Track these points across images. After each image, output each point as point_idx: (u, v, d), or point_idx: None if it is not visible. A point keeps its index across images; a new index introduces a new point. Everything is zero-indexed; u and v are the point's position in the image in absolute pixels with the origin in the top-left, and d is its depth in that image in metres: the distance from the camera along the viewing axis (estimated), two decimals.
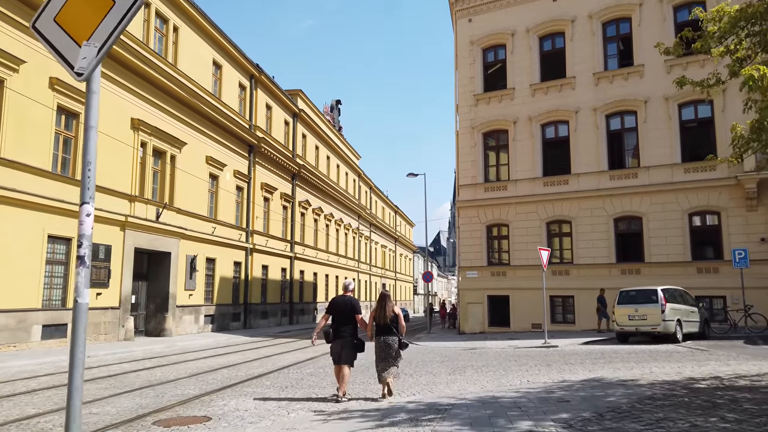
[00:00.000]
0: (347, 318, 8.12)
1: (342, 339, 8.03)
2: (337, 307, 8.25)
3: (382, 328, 8.06)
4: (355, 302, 8.33)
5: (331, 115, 47.66)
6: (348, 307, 8.19)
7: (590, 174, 23.95)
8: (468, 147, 26.69)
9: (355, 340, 8.11)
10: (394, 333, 8.04)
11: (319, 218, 42.53)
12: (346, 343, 8.02)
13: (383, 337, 8.03)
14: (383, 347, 7.99)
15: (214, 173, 26.89)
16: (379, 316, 8.09)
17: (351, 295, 8.46)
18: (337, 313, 8.22)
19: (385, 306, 8.10)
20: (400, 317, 8.19)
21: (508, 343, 18.59)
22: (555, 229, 24.89)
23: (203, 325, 25.77)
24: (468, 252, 26.22)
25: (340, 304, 8.25)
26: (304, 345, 20.03)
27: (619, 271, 23.12)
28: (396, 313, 8.14)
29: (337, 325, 8.12)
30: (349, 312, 8.15)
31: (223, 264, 27.73)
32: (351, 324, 8.11)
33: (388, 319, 8.01)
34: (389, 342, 7.97)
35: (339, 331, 8.08)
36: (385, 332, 8.05)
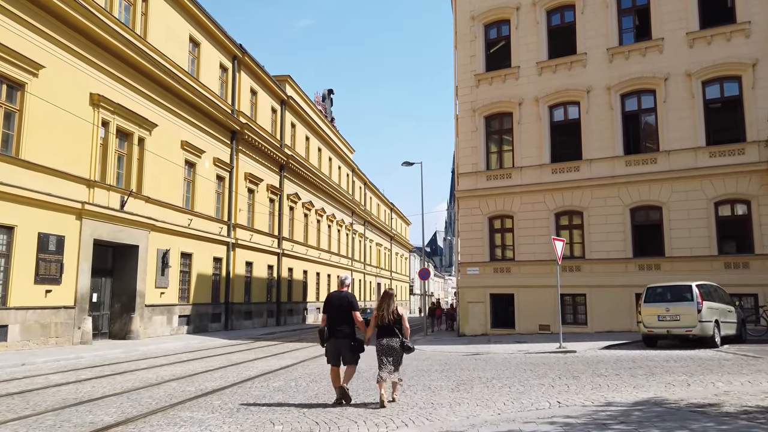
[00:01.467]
0: (343, 316, 7.48)
1: (338, 339, 7.43)
2: (332, 305, 7.61)
3: (385, 329, 7.46)
4: (351, 298, 7.64)
5: (322, 105, 45.34)
6: (344, 305, 7.54)
7: (604, 160, 21.69)
8: (468, 132, 24.40)
9: (352, 341, 7.45)
10: (397, 335, 7.43)
11: (309, 213, 40.19)
12: (344, 345, 7.42)
13: (385, 339, 7.41)
14: (385, 350, 7.38)
15: (190, 160, 24.52)
16: (382, 316, 7.49)
17: (347, 291, 7.80)
18: (332, 311, 7.57)
19: (388, 305, 7.51)
20: (404, 318, 7.55)
21: (517, 347, 16.31)
22: (565, 220, 22.61)
23: (177, 326, 23.39)
24: (468, 246, 23.93)
25: (335, 301, 7.62)
26: (286, 349, 17.72)
27: (636, 267, 20.86)
28: (400, 313, 7.54)
29: (333, 323, 7.49)
30: (345, 309, 7.51)
31: (202, 259, 25.37)
32: (347, 323, 7.49)
33: (391, 320, 7.42)
34: (392, 345, 7.39)
35: (334, 331, 7.46)
36: (387, 334, 7.44)
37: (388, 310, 7.47)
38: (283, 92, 35.05)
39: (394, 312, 7.48)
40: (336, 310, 7.53)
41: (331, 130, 47.05)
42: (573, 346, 14.98)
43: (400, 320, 7.50)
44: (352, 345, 7.44)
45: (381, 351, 7.44)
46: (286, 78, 36.47)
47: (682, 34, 20.83)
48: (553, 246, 16.01)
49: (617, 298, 20.75)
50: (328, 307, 7.63)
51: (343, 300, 7.60)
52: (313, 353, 16.10)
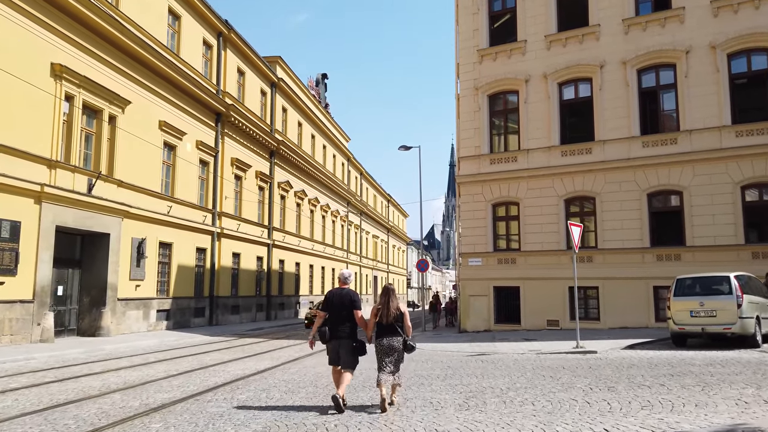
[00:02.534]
0: (345, 315, 6.95)
1: (339, 340, 6.89)
2: (333, 303, 7.04)
3: (385, 327, 6.94)
4: (354, 296, 7.09)
5: (316, 90, 43.37)
6: (346, 303, 6.99)
7: (618, 141, 19.90)
8: (470, 112, 22.57)
9: (354, 342, 6.92)
10: (398, 333, 6.92)
11: (302, 203, 38.36)
12: (344, 345, 6.88)
13: (386, 339, 6.89)
14: (386, 350, 6.87)
15: (170, 142, 22.65)
16: (382, 313, 6.94)
17: (349, 288, 7.21)
18: (332, 310, 7.02)
19: (389, 302, 6.95)
20: (406, 316, 7.01)
21: (526, 345, 14.58)
22: (575, 207, 20.84)
23: (155, 321, 21.60)
24: (470, 236, 22.15)
25: (336, 299, 7.05)
26: (269, 348, 15.97)
27: (653, 258, 19.11)
28: (401, 311, 6.99)
29: (333, 323, 6.95)
30: (346, 308, 6.96)
31: (183, 250, 23.55)
32: (349, 322, 6.96)
33: (392, 318, 6.89)
34: (393, 344, 6.87)
35: (336, 331, 6.91)
36: (388, 333, 6.92)
37: (389, 306, 6.90)
38: (273, 74, 33.13)
39: (395, 309, 6.89)
40: (337, 309, 6.96)
41: (325, 116, 45.15)
42: (591, 345, 13.25)
43: (402, 318, 6.93)
44: (354, 346, 6.88)
45: (381, 351, 6.87)
46: (277, 59, 34.54)
47: (705, 2, 18.99)
48: (570, 232, 14.24)
49: (633, 292, 19.03)
50: (329, 305, 7.04)
51: (345, 298, 7.00)
52: (298, 353, 14.35)
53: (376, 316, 7.01)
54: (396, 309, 6.91)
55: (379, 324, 6.97)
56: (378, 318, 6.96)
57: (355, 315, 6.95)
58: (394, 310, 6.89)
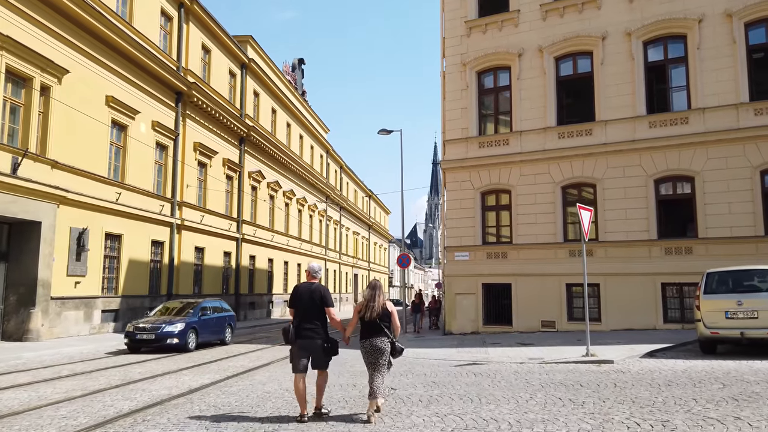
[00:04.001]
0: (314, 312, 6.20)
1: (307, 340, 6.11)
2: (301, 298, 6.26)
3: (370, 327, 6.18)
4: (324, 291, 6.31)
5: (292, 76, 40.84)
6: (315, 298, 6.22)
7: (622, 121, 17.83)
8: (457, 90, 20.35)
9: (326, 343, 6.14)
10: (385, 334, 6.16)
11: (276, 195, 35.85)
12: (313, 346, 6.10)
13: (371, 340, 6.15)
14: (371, 352, 6.14)
15: (119, 120, 20.05)
16: (368, 307, 6.19)
17: (319, 283, 6.45)
18: (300, 306, 6.23)
19: (376, 297, 6.24)
20: (394, 314, 6.29)
21: (524, 352, 12.38)
22: (573, 194, 18.72)
23: (100, 323, 19.02)
24: (457, 227, 19.94)
25: (305, 294, 6.26)
26: (223, 354, 13.56)
27: (661, 251, 17.08)
28: (389, 309, 6.27)
29: (300, 321, 6.18)
30: (316, 304, 6.21)
31: (135, 242, 20.97)
32: (319, 320, 6.20)
33: (377, 315, 6.16)
34: (379, 345, 6.13)
35: (303, 330, 6.13)
36: (373, 332, 6.17)
37: (375, 302, 6.24)
38: (244, 54, 30.57)
39: (382, 307, 6.23)
40: (306, 305, 6.26)
41: (302, 104, 42.65)
42: (603, 352, 11.09)
43: (389, 317, 6.28)
44: (325, 347, 6.17)
45: (367, 353, 6.21)
46: (247, 38, 31.98)
47: None
48: (579, 217, 12.02)
49: (638, 289, 16.99)
50: (297, 301, 6.32)
51: (314, 293, 6.29)
52: (252, 362, 11.96)
53: (360, 313, 6.31)
54: (382, 306, 6.21)
55: (362, 322, 6.27)
56: (362, 316, 6.25)
57: (328, 313, 6.26)
58: (378, 305, 6.18)
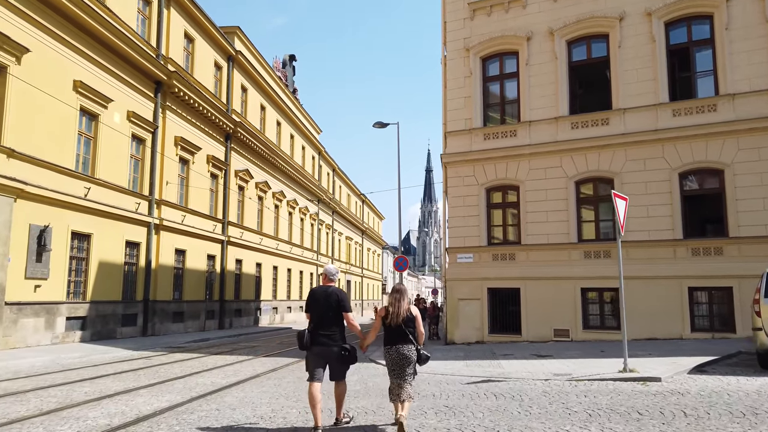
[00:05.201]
0: (331, 317, 5.88)
1: (323, 347, 5.79)
2: (317, 303, 5.94)
3: (395, 333, 5.89)
4: (341, 295, 5.98)
5: (282, 72, 39.14)
6: (332, 302, 5.90)
7: (643, 109, 16.25)
8: (460, 78, 18.72)
9: (342, 350, 5.78)
10: (410, 341, 5.86)
11: (264, 196, 34.03)
12: (331, 354, 5.79)
13: (396, 347, 5.85)
14: (396, 360, 5.83)
15: (89, 108, 18.25)
16: (391, 313, 5.88)
17: (336, 286, 6.06)
18: (316, 311, 5.91)
19: (399, 300, 5.91)
20: (419, 320, 6.00)
21: (545, 366, 10.64)
22: (588, 190, 17.10)
23: (64, 332, 17.11)
24: (459, 227, 18.24)
25: (321, 299, 5.93)
26: (197, 368, 11.71)
27: (688, 252, 15.44)
28: (413, 314, 5.95)
29: (316, 327, 5.85)
30: (333, 309, 5.88)
31: (107, 243, 19.11)
32: (336, 326, 5.90)
33: (402, 319, 5.83)
34: (405, 353, 5.81)
35: (319, 336, 5.81)
36: (398, 339, 5.88)
37: (399, 306, 5.85)
38: (231, 46, 28.85)
39: (406, 310, 5.85)
40: (322, 310, 5.86)
41: (293, 102, 40.94)
42: (642, 367, 9.37)
43: (414, 322, 5.90)
44: (343, 354, 5.76)
45: (391, 361, 5.84)
46: (235, 30, 30.28)
47: None
48: (614, 207, 10.35)
49: (662, 294, 15.34)
50: (313, 305, 5.93)
51: (331, 297, 5.90)
52: (227, 378, 10.14)
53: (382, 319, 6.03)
54: (407, 310, 5.92)
55: (386, 327, 5.99)
56: (386, 321, 5.96)
57: (345, 318, 5.97)
58: (404, 310, 5.89)
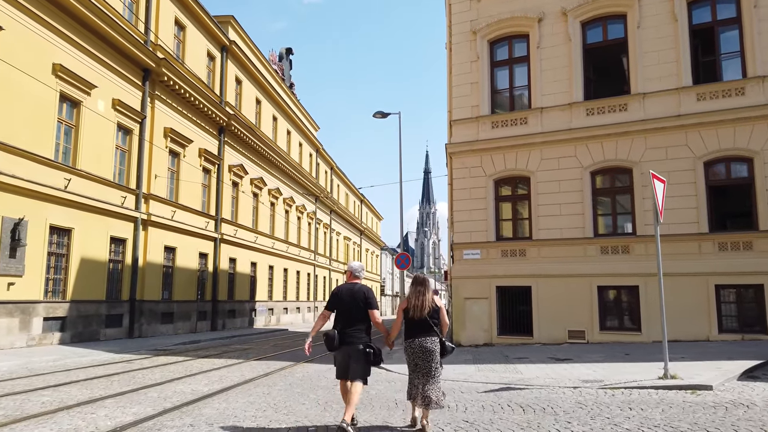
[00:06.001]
0: (358, 316, 5.59)
1: (348, 345, 5.49)
2: (342, 300, 5.67)
3: (417, 325, 5.58)
4: (368, 293, 5.70)
5: (279, 65, 37.95)
6: (358, 301, 5.62)
7: (664, 93, 15.13)
8: (466, 63, 17.59)
9: (368, 348, 5.51)
10: (434, 333, 5.54)
11: (260, 193, 32.83)
12: (355, 352, 5.47)
13: (419, 339, 5.55)
14: (419, 354, 5.52)
15: (70, 95, 17.07)
16: (414, 306, 5.60)
17: (362, 284, 5.82)
18: (342, 309, 5.66)
19: (423, 293, 5.63)
20: (443, 310, 5.67)
21: (568, 371, 9.48)
22: (605, 181, 15.97)
23: (41, 333, 15.89)
24: (465, 221, 17.09)
25: (346, 296, 5.67)
26: (180, 374, 10.52)
27: (714, 246, 14.31)
28: (438, 305, 5.64)
29: (343, 326, 5.56)
30: (360, 307, 5.60)
31: (90, 238, 17.90)
32: (363, 324, 5.60)
33: (427, 312, 5.53)
34: (428, 346, 5.49)
35: (346, 335, 5.50)
36: (421, 331, 5.55)
37: (423, 298, 5.56)
38: (224, 36, 27.68)
39: (431, 302, 5.55)
40: (348, 307, 5.59)
41: (290, 97, 39.76)
42: (683, 373, 8.22)
43: (438, 313, 5.59)
44: (367, 353, 5.45)
45: (412, 354, 5.54)
46: (229, 19, 29.10)
47: None
48: (653, 190, 9.17)
49: (687, 293, 14.20)
50: (337, 303, 5.67)
51: (357, 295, 5.62)
52: (211, 385, 8.94)
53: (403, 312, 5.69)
54: (431, 302, 5.55)
55: (408, 320, 5.63)
56: (407, 314, 5.62)
57: (371, 316, 5.61)
58: (428, 302, 5.52)
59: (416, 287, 5.73)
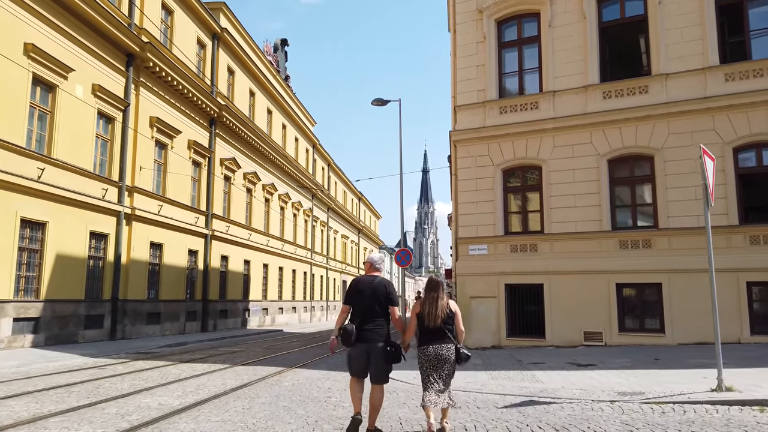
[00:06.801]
0: (377, 311, 5.10)
1: (368, 344, 5.00)
2: (361, 294, 5.16)
3: (431, 331, 5.16)
4: (389, 287, 5.19)
5: (273, 57, 36.65)
6: (379, 294, 5.12)
7: (689, 74, 13.90)
8: (472, 44, 16.35)
9: (389, 346, 5.03)
10: (449, 339, 5.13)
11: (254, 188, 31.54)
12: (375, 351, 4.98)
13: (433, 346, 5.12)
14: (434, 362, 5.09)
15: (44, 78, 15.80)
16: (428, 313, 5.13)
17: (382, 277, 5.30)
18: (360, 304, 5.13)
19: (437, 299, 5.15)
20: (458, 315, 5.28)
21: (597, 380, 8.24)
22: (624, 170, 14.72)
23: (12, 335, 14.61)
24: (471, 214, 15.85)
25: (367, 290, 5.15)
26: (156, 381, 9.25)
27: (745, 240, 13.11)
28: (453, 310, 5.23)
29: (361, 321, 5.06)
30: (379, 302, 5.10)
31: (67, 233, 16.63)
32: (382, 321, 5.11)
33: (441, 320, 5.09)
34: (444, 354, 5.08)
35: (363, 332, 5.01)
36: (434, 338, 5.14)
37: (437, 305, 5.10)
38: (216, 23, 26.40)
39: (445, 308, 5.11)
40: (368, 302, 5.07)
41: (286, 90, 38.48)
42: (736, 383, 7.00)
43: (454, 319, 5.16)
44: (388, 351, 4.99)
45: (427, 363, 5.12)
46: (220, 6, 27.80)
47: None
48: (703, 167, 7.96)
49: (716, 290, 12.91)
50: (356, 296, 5.16)
51: (378, 288, 5.11)
52: (187, 395, 7.69)
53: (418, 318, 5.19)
54: (446, 307, 5.10)
55: (423, 327, 5.17)
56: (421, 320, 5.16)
57: (392, 313, 5.14)
58: (443, 309, 5.06)
59: (430, 293, 5.21)
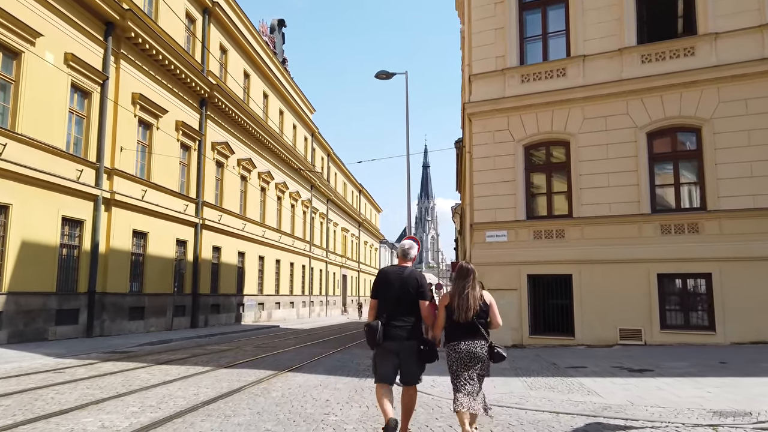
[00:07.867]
0: (407, 306, 4.52)
1: (397, 342, 4.45)
2: (391, 286, 4.55)
3: (462, 327, 4.45)
4: (421, 279, 4.59)
5: (270, 38, 34.78)
6: (410, 287, 4.53)
7: (742, 33, 12.07)
8: (489, 4, 14.52)
9: (422, 344, 4.49)
10: (483, 335, 4.45)
11: (249, 176, 29.71)
12: (407, 348, 4.46)
13: (465, 344, 4.45)
14: (464, 359, 4.44)
15: (5, 42, 13.96)
16: (459, 305, 4.43)
17: (412, 268, 4.71)
18: (388, 297, 4.54)
19: (470, 289, 4.45)
20: (494, 307, 4.57)
21: (669, 391, 6.47)
22: (665, 145, 12.90)
23: None
24: (488, 196, 14.04)
25: (396, 282, 4.55)
26: (111, 391, 7.42)
27: None
28: (488, 302, 4.53)
29: (390, 317, 4.48)
30: (410, 296, 4.52)
31: (34, 219, 14.82)
32: (413, 316, 4.53)
33: (474, 313, 4.41)
34: (475, 351, 4.42)
35: (392, 329, 4.46)
36: (467, 334, 4.45)
37: (470, 296, 4.39)
38: None
39: (479, 299, 4.41)
40: (398, 296, 4.48)
41: (283, 74, 36.59)
42: None
43: (487, 312, 4.46)
44: (422, 350, 4.44)
45: (458, 361, 4.44)
46: None
47: None
48: None
49: None
50: (384, 288, 4.54)
51: (408, 280, 4.51)
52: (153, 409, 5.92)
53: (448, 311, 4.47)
54: (479, 299, 4.40)
55: (452, 321, 4.46)
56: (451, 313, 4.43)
57: (422, 307, 4.50)
58: (476, 300, 4.36)
59: (459, 282, 4.53)
